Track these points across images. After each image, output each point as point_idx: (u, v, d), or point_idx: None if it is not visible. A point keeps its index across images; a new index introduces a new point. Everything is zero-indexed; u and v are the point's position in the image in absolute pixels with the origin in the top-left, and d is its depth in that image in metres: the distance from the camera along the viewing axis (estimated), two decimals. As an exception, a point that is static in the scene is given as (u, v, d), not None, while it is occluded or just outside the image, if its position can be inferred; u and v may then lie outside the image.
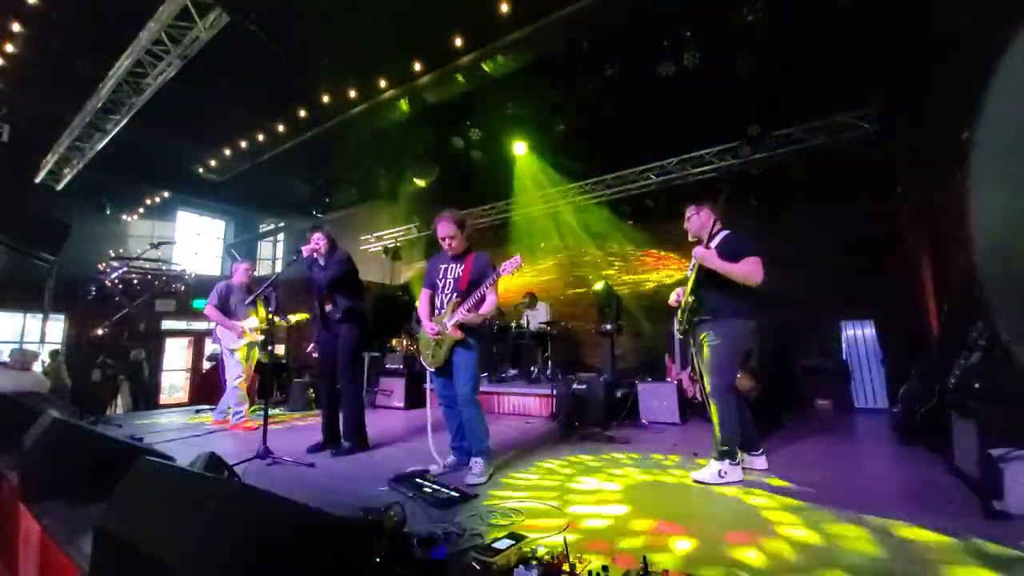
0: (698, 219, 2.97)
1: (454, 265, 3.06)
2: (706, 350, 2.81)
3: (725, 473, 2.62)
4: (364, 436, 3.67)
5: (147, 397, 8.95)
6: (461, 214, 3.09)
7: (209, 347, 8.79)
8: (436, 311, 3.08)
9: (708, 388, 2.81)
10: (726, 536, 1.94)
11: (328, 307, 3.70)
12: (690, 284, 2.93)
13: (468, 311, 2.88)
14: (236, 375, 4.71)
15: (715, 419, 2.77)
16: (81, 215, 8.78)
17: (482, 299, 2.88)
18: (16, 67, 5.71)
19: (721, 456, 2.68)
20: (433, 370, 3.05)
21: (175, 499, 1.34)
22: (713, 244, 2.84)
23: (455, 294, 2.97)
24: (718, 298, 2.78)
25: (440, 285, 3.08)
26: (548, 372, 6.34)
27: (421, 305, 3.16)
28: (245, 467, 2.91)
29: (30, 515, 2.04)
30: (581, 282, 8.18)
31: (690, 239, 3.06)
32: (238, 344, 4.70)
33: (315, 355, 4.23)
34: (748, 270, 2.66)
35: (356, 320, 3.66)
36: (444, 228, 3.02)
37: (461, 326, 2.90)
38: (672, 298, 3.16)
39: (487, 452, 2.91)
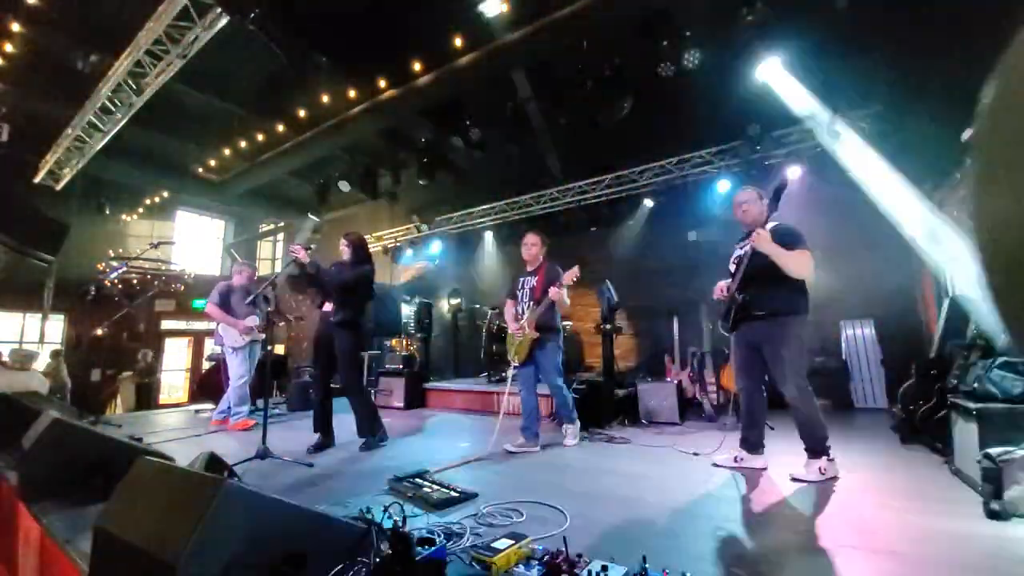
0: (759, 206, 2.78)
1: (530, 278, 3.78)
2: (767, 352, 2.70)
3: (825, 470, 2.57)
4: (382, 429, 3.85)
5: (150, 397, 8.95)
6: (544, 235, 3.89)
7: (209, 347, 8.79)
8: (518, 317, 3.73)
9: (784, 392, 2.67)
10: (723, 535, 1.94)
11: (328, 307, 3.77)
12: (739, 278, 2.79)
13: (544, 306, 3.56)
14: (240, 375, 4.71)
15: (799, 420, 2.67)
16: (81, 215, 8.77)
17: (551, 302, 3.54)
18: (16, 67, 5.71)
19: (817, 454, 2.62)
20: (517, 364, 3.71)
21: (175, 499, 1.34)
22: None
23: (531, 302, 3.65)
24: (775, 295, 2.65)
25: (519, 295, 3.80)
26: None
27: (505, 312, 3.88)
28: (245, 467, 2.91)
29: (30, 515, 2.04)
30: (581, 281, 8.17)
31: (743, 229, 2.87)
32: (241, 342, 4.70)
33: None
34: (802, 261, 2.55)
35: (353, 328, 3.69)
36: (530, 237, 3.81)
37: (538, 326, 3.57)
38: (716, 292, 3.02)
39: (576, 421, 3.79)
